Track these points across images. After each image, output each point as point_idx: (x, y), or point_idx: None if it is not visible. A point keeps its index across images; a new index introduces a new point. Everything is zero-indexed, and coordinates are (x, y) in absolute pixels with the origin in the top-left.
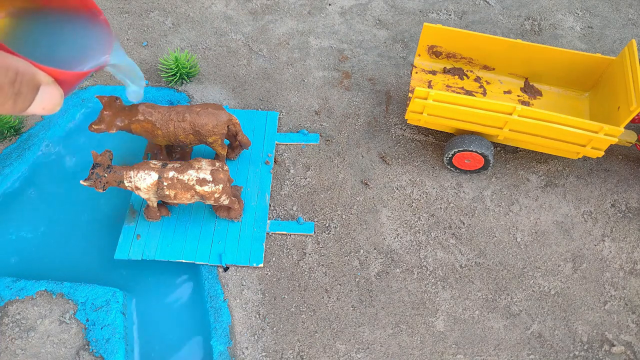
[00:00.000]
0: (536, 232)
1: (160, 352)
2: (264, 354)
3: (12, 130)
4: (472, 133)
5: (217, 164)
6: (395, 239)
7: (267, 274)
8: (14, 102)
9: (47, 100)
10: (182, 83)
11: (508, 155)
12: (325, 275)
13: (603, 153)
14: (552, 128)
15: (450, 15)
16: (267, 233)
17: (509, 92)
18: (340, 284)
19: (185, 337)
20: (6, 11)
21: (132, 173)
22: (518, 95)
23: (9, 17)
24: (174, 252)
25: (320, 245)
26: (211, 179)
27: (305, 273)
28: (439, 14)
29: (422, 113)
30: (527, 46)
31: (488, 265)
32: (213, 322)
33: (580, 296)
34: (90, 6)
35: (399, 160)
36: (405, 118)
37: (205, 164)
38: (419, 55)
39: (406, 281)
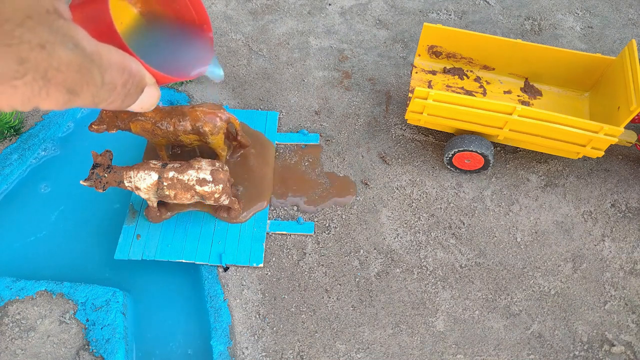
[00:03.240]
0: (536, 232)
1: (160, 352)
2: (264, 354)
3: (12, 130)
4: (472, 133)
5: (217, 164)
6: (395, 239)
7: (267, 274)
8: (122, 101)
9: (147, 100)
10: (182, 83)
11: (508, 155)
12: (325, 275)
13: (603, 153)
14: (552, 128)
15: (450, 15)
16: (267, 233)
17: (509, 92)
18: (340, 284)
19: (185, 337)
20: (139, 8)
21: (132, 173)
22: (518, 95)
23: (138, 15)
24: (174, 252)
25: (320, 245)
26: (211, 179)
27: (305, 273)
28: (439, 14)
29: (422, 113)
30: (527, 46)
31: (488, 265)
32: (213, 322)
33: (580, 296)
34: (204, 20)
35: (399, 160)
36: (405, 118)
37: (205, 164)
38: (419, 55)
39: (406, 281)
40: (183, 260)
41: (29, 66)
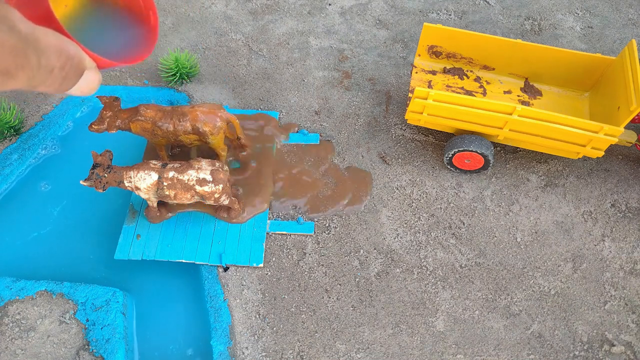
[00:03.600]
0: (536, 232)
1: (160, 352)
2: (264, 354)
3: (12, 130)
4: (472, 133)
5: (217, 164)
6: (395, 239)
7: (267, 274)
8: (59, 84)
9: (87, 84)
10: (182, 83)
11: (508, 155)
12: (325, 275)
13: (603, 153)
14: (552, 128)
15: (450, 15)
16: (267, 233)
17: (509, 92)
18: (340, 284)
19: (185, 337)
20: None
21: (132, 173)
22: (518, 95)
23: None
24: (174, 252)
25: (320, 245)
26: (211, 179)
27: (305, 273)
28: (439, 14)
29: (422, 113)
30: (527, 46)
31: (488, 265)
32: (213, 322)
33: (580, 296)
34: (149, 7)
35: (399, 160)
36: (405, 118)
37: (205, 164)
38: (419, 55)
39: (406, 281)
40: (183, 260)
41: None
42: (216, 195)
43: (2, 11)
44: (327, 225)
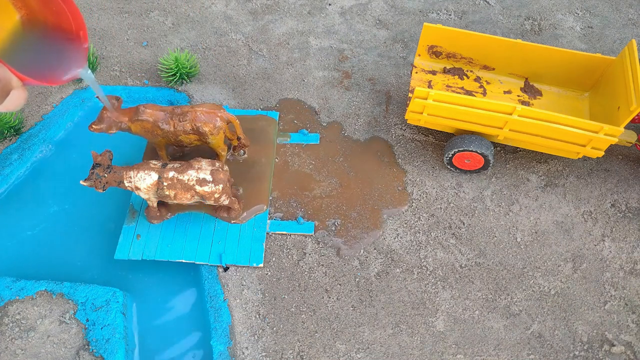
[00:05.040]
0: (536, 232)
1: (160, 352)
2: (264, 354)
3: (12, 130)
4: (472, 133)
5: (217, 164)
6: (395, 239)
7: (267, 274)
8: None
9: (13, 102)
10: (182, 83)
11: (508, 155)
12: (325, 275)
13: (603, 153)
14: (552, 128)
15: (450, 15)
16: (267, 233)
17: (509, 92)
18: (340, 284)
19: (185, 337)
20: (23, 14)
21: (132, 173)
22: (518, 95)
23: (19, 21)
24: (174, 252)
25: (320, 245)
26: (211, 179)
27: (305, 273)
28: (439, 14)
29: (422, 113)
30: (527, 46)
31: (488, 265)
32: (213, 322)
33: (580, 296)
34: (80, 27)
35: (399, 160)
36: (405, 118)
37: (205, 164)
38: (419, 55)
39: (406, 281)
40: (183, 260)
41: None
42: (216, 195)
43: None
44: (327, 225)
